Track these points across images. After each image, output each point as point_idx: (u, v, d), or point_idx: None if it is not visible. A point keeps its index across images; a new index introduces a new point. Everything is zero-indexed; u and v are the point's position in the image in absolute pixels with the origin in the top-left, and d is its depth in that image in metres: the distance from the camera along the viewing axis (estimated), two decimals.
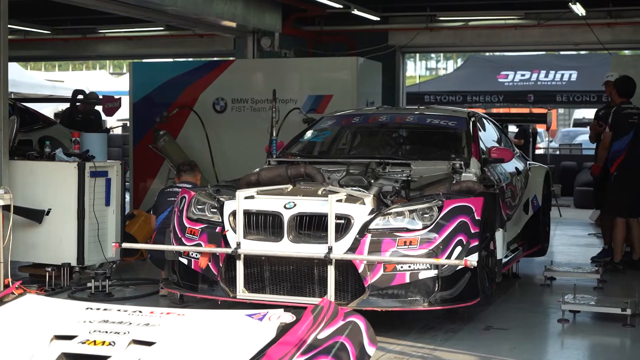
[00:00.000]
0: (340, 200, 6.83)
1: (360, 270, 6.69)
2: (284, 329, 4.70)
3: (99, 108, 14.25)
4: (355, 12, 14.51)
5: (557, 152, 23.79)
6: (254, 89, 14.00)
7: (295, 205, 6.88)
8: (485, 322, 7.46)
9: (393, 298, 6.72)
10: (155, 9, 11.73)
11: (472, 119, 8.84)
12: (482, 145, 8.50)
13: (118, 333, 4.61)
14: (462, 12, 15.16)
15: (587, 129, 27.60)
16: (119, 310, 5.04)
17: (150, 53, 17.62)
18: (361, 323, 4.97)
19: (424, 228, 6.78)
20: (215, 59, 16.65)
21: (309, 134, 9.09)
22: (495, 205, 7.53)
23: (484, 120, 9.39)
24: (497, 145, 9.13)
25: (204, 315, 5.02)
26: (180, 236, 7.34)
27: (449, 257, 6.72)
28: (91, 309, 5.09)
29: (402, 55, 16.46)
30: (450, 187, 7.53)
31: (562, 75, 21.13)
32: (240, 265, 6.88)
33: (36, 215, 9.04)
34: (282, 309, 4.95)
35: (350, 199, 6.94)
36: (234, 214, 7.03)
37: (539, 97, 20.91)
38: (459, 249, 6.77)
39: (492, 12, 14.96)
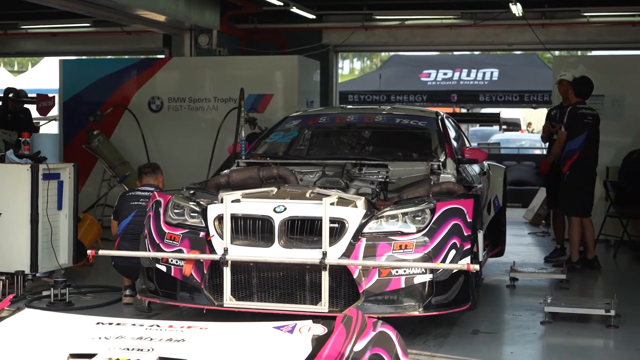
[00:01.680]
0: (332, 204, 6.59)
1: (355, 276, 6.46)
2: (319, 342, 4.43)
3: (29, 106, 13.62)
4: (294, 9, 14.26)
5: None
6: (192, 87, 13.69)
7: (285, 208, 6.60)
8: (470, 326, 7.33)
9: (388, 304, 6.52)
10: (95, 3, 11.25)
11: (440, 118, 8.72)
12: (454, 146, 8.38)
13: (141, 350, 4.28)
14: (399, 12, 15.06)
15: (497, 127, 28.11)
16: (133, 325, 4.69)
17: (74, 50, 17.00)
18: (391, 333, 4.75)
19: (418, 231, 6.60)
20: (150, 56, 16.20)
21: (274, 134, 8.81)
22: (479, 206, 7.41)
23: (448, 120, 9.28)
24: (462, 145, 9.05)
25: (228, 328, 4.71)
26: (157, 242, 6.97)
27: (443, 260, 6.56)
28: (102, 323, 4.73)
29: (336, 55, 16.29)
30: (430, 188, 7.36)
31: (484, 74, 21.31)
32: (227, 272, 6.57)
33: None
34: (311, 320, 4.69)
35: (342, 201, 6.71)
36: (219, 218, 6.71)
37: (462, 97, 21.07)
38: (453, 252, 6.61)
39: (429, 11, 14.91)
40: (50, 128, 16.85)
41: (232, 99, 13.43)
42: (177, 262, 6.84)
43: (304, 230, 6.58)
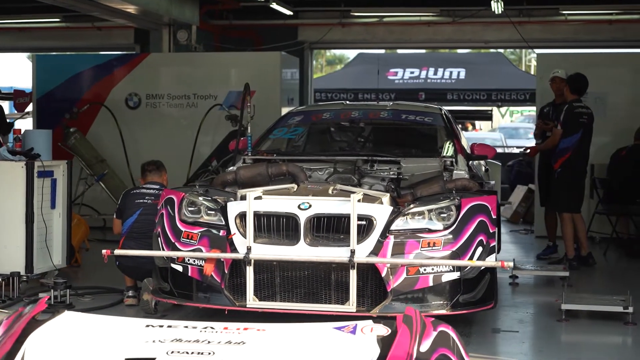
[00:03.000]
0: (358, 201, 6.41)
1: (383, 274, 6.30)
2: (386, 344, 4.26)
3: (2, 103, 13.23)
4: (274, 5, 14.06)
5: None
6: (171, 84, 13.42)
7: (310, 206, 6.41)
8: (487, 324, 7.22)
9: (416, 302, 6.38)
10: None
11: (444, 113, 8.62)
12: (463, 142, 8.28)
13: (202, 354, 4.06)
14: (378, 8, 14.93)
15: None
16: (185, 327, 4.47)
17: (44, 46, 16.57)
18: (451, 332, 4.59)
19: (445, 229, 6.47)
20: (128, 52, 15.85)
21: (277, 130, 8.60)
22: (497, 203, 7.30)
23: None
24: None
25: (287, 330, 4.51)
26: (173, 241, 6.73)
27: (471, 258, 6.44)
28: (152, 326, 4.50)
29: (311, 52, 16.12)
30: (445, 185, 7.23)
31: (451, 73, 21.29)
32: (250, 272, 6.36)
33: None
34: (371, 320, 4.51)
35: (367, 198, 6.53)
36: (241, 215, 6.50)
37: (430, 95, 20.96)
38: (480, 249, 6.50)
39: (408, 8, 14.80)
40: (23, 125, 16.38)
41: (212, 96, 13.19)
42: (194, 261, 6.62)
43: (329, 228, 6.40)
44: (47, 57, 15.37)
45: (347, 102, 9.60)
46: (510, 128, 32.94)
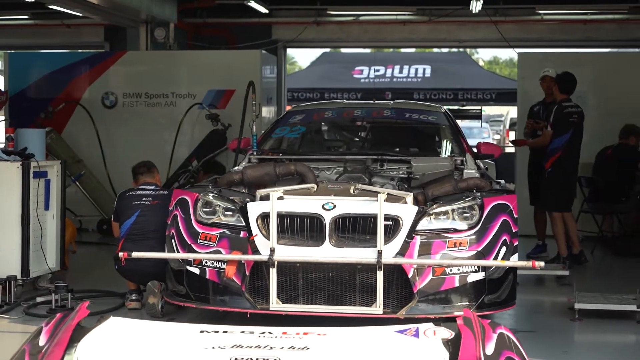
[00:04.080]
0: (384, 201, 6.29)
1: (410, 275, 6.20)
2: (453, 347, 4.16)
3: None
4: (251, 3, 13.88)
5: None
6: (149, 83, 13.18)
7: (335, 206, 6.28)
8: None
9: (443, 304, 6.30)
10: None
11: (446, 112, 8.56)
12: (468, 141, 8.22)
13: None
14: (354, 7, 14.82)
15: None
16: (242, 332, 4.32)
17: (11, 44, 16.15)
18: (510, 335, 4.51)
19: (470, 228, 6.40)
20: (106, 50, 15.54)
21: (279, 129, 8.45)
22: None
23: None
24: None
25: (349, 334, 4.38)
26: (189, 242, 6.56)
27: (495, 258, 6.38)
28: (207, 331, 4.34)
29: (284, 50, 15.96)
30: (457, 184, 7.15)
31: (417, 70, 21.32)
32: (273, 274, 6.21)
33: None
34: (431, 323, 4.41)
35: (391, 198, 6.42)
36: (262, 216, 6.35)
37: (397, 95, 20.96)
38: (504, 249, 6.45)
39: (384, 7, 14.71)
40: None
41: (191, 95, 13.00)
42: (212, 263, 6.45)
43: (355, 229, 6.28)
44: (21, 55, 15.05)
45: (346, 100, 9.45)
46: (464, 128, 33.09)
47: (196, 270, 6.54)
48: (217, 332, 4.32)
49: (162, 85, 13.07)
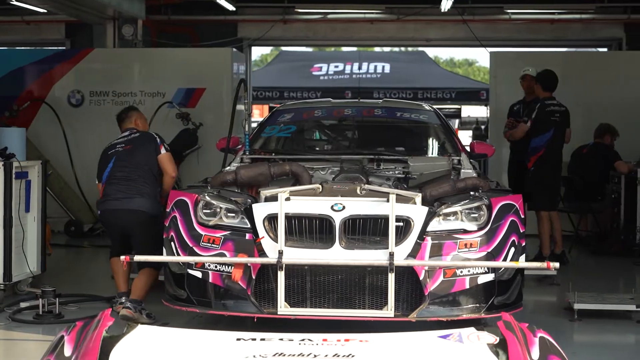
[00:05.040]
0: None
1: (421, 277, 6.07)
2: (501, 352, 4.03)
3: None
4: (218, 0, 13.65)
5: None
6: (117, 81, 12.89)
7: (344, 207, 6.12)
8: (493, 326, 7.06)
9: (453, 306, 6.17)
10: None
11: (436, 111, 8.45)
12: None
13: None
14: (322, 5, 14.67)
15: None
16: (281, 340, 4.14)
17: None
18: (550, 338, 4.41)
19: (479, 229, 6.29)
20: (68, 48, 15.18)
21: (269, 128, 8.25)
22: None
23: None
24: None
25: (391, 340, 4.22)
26: (191, 245, 6.34)
27: (505, 259, 6.28)
28: (243, 339, 4.15)
29: (250, 49, 15.75)
30: (455, 184, 7.03)
31: (376, 67, 21.23)
32: (281, 277, 6.02)
33: None
34: (473, 327, 4.28)
35: (400, 198, 6.27)
36: (269, 218, 6.16)
37: (357, 95, 20.90)
38: (512, 250, 6.34)
39: (353, 5, 14.59)
40: None
41: (160, 93, 12.76)
42: (215, 266, 6.25)
43: (365, 230, 6.13)
44: None
45: (332, 99, 9.30)
46: None
47: (198, 274, 6.32)
48: (254, 339, 4.13)
49: (130, 84, 12.81)
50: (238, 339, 4.14)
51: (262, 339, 4.15)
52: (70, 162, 12.49)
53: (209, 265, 6.27)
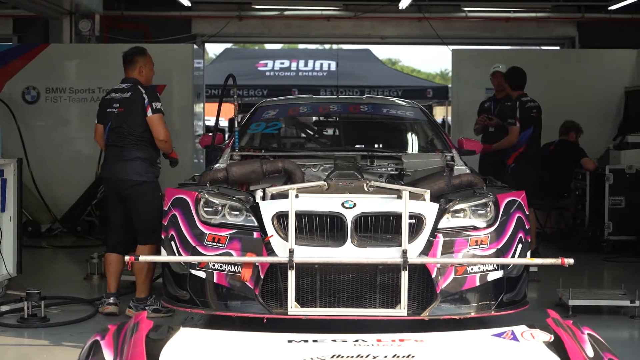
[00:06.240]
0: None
1: (433, 275, 5.98)
2: (559, 350, 3.95)
3: None
4: None
5: None
6: (74, 77, 12.55)
7: (355, 204, 5.99)
8: (497, 324, 7.00)
9: (464, 304, 6.10)
10: None
11: (421, 107, 8.40)
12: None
13: None
14: (279, 1, 14.50)
15: None
16: (334, 341, 3.99)
17: None
18: (596, 334, 4.34)
19: (488, 226, 6.23)
20: (11, 43, 14.70)
21: (254, 125, 8.08)
22: None
23: None
24: None
25: (446, 339, 4.11)
26: (194, 245, 6.14)
27: (513, 255, 6.24)
28: (295, 341, 4.00)
29: (203, 45, 15.50)
30: (450, 181, 6.98)
31: (322, 64, 21.12)
32: (292, 276, 5.87)
33: None
34: (524, 325, 4.20)
35: (410, 195, 6.16)
36: (278, 216, 6.00)
37: (303, 92, 20.78)
38: (520, 246, 6.31)
39: (310, 1, 14.46)
40: None
41: None
42: (220, 266, 6.06)
43: (378, 228, 6.01)
44: None
45: (314, 96, 9.16)
46: None
47: (202, 274, 6.13)
48: (306, 341, 3.99)
49: (88, 80, 12.47)
50: (289, 341, 3.99)
51: (315, 340, 4.01)
52: (26, 160, 12.07)
53: (213, 265, 6.09)
